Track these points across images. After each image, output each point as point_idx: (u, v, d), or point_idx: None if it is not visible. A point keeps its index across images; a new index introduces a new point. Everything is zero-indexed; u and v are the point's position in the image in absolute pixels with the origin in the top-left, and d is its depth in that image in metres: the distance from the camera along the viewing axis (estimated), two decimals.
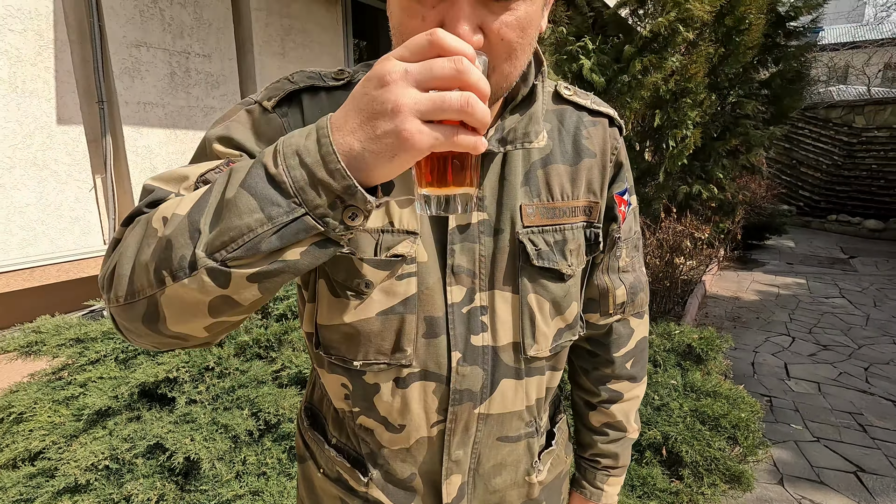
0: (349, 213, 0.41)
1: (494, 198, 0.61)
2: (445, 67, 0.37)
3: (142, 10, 2.96)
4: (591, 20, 4.28)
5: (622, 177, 0.70)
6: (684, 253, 3.12)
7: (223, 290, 0.42)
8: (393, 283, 0.58)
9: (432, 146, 0.38)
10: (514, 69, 0.52)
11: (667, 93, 3.69)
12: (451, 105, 0.37)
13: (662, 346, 2.83)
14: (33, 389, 2.12)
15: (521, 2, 0.48)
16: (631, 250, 0.74)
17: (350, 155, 0.39)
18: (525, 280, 0.61)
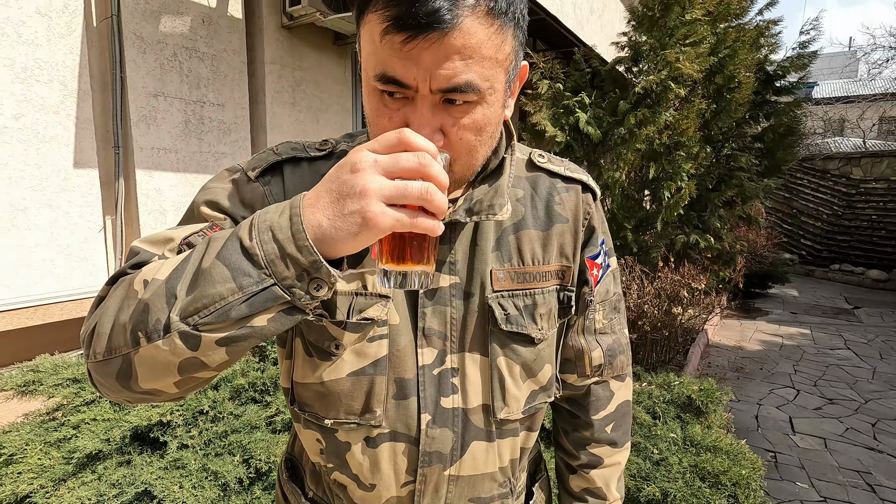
0: (314, 284, 0.44)
1: (466, 262, 0.63)
2: (410, 160, 0.42)
3: (162, 63, 3.14)
4: (589, 76, 4.48)
5: (594, 241, 0.71)
6: (682, 302, 3.12)
7: (193, 353, 0.45)
8: (364, 345, 0.60)
9: (393, 227, 0.42)
10: (476, 160, 0.57)
11: (661, 146, 3.81)
12: (413, 192, 0.42)
13: (662, 397, 2.79)
14: (26, 430, 2.11)
15: (479, 106, 0.51)
16: (609, 312, 0.75)
17: (319, 230, 0.43)
18: (494, 344, 0.63)
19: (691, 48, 3.62)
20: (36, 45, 2.61)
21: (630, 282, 3.37)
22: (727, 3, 4.15)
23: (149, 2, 3.04)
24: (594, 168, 4.22)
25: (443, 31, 0.46)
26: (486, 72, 0.50)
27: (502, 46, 0.51)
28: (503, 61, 0.52)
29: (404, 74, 0.48)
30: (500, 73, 0.52)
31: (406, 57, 0.48)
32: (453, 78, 0.48)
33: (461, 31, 0.47)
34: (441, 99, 0.50)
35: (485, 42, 0.49)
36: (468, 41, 0.48)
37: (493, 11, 0.48)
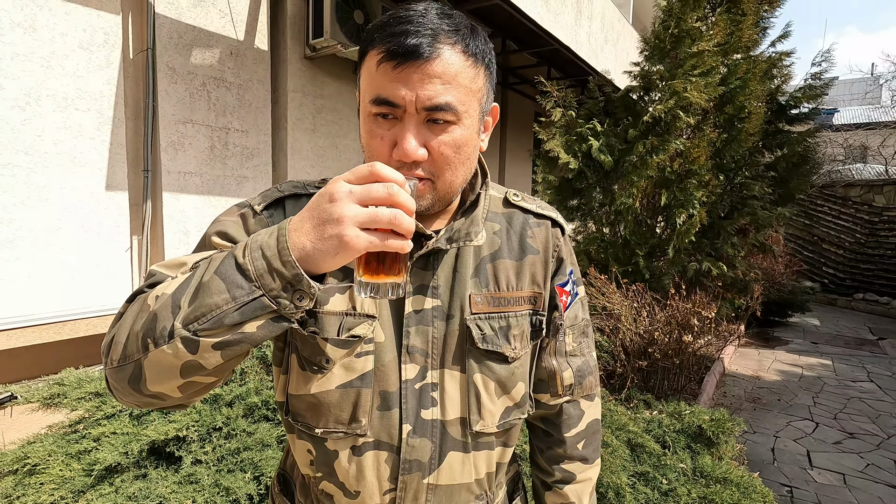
0: (297, 295, 0.51)
1: (448, 287, 0.71)
2: (380, 190, 0.49)
3: (192, 92, 3.33)
4: (603, 103, 4.56)
5: (563, 271, 0.80)
6: (692, 331, 3.11)
7: (192, 356, 0.51)
8: (352, 360, 0.66)
9: (366, 248, 0.49)
10: (455, 178, 0.65)
11: (672, 173, 3.84)
12: (382, 218, 0.49)
13: (672, 426, 2.77)
14: (49, 441, 2.19)
15: (457, 126, 0.62)
16: (578, 336, 0.82)
17: (303, 251, 0.50)
18: (471, 361, 0.70)
19: (700, 78, 3.68)
20: (77, 76, 2.80)
21: (641, 308, 3.37)
22: (738, 36, 4.22)
23: (181, 35, 3.24)
24: (607, 194, 4.26)
25: (426, 59, 0.58)
26: (462, 97, 0.61)
27: (475, 79, 0.63)
28: (476, 92, 0.63)
29: (395, 95, 0.59)
30: (473, 102, 0.63)
31: (397, 80, 0.59)
32: (435, 98, 0.59)
33: (441, 60, 0.59)
34: (425, 119, 0.60)
35: (461, 72, 0.60)
36: (447, 69, 0.59)
37: (468, 51, 0.61)
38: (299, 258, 0.50)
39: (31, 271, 2.71)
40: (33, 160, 2.67)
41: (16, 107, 2.59)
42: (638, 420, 2.76)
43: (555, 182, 4.43)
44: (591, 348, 0.86)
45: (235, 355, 0.54)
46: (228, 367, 0.56)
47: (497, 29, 5.44)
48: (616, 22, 7.56)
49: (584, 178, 4.30)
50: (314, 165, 4.18)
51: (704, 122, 4.12)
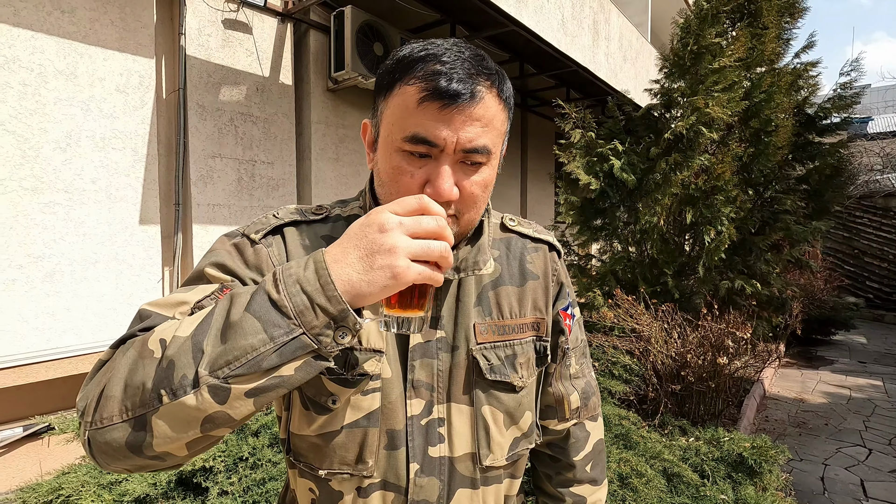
0: (340, 332, 0.48)
1: (451, 318, 0.70)
2: (431, 223, 0.50)
3: (220, 128, 3.46)
4: (623, 122, 4.53)
5: (563, 294, 0.80)
6: (727, 352, 2.98)
7: (220, 407, 0.46)
8: (358, 399, 0.65)
9: (415, 280, 0.48)
10: (476, 216, 0.66)
11: (697, 190, 3.76)
12: (434, 251, 0.49)
13: (710, 454, 2.63)
14: (83, 472, 2.23)
15: (486, 167, 0.63)
16: (580, 357, 0.83)
17: (349, 283, 0.47)
18: (479, 392, 0.68)
19: (722, 94, 3.62)
20: (114, 117, 2.96)
21: (672, 330, 3.26)
22: (760, 50, 4.15)
23: (210, 75, 3.39)
24: (631, 213, 4.19)
25: (470, 102, 0.58)
26: (494, 139, 0.62)
27: (504, 123, 0.64)
28: (503, 134, 0.65)
29: (436, 136, 0.58)
30: (500, 144, 0.64)
31: (440, 120, 0.58)
32: (475, 140, 0.59)
33: (483, 104, 0.59)
34: (460, 159, 0.60)
35: (496, 116, 0.61)
36: (486, 112, 0.60)
37: (501, 94, 0.62)
38: (343, 291, 0.48)
39: (69, 303, 2.82)
40: (72, 198, 2.81)
41: (57, 148, 2.74)
42: (673, 448, 2.64)
43: (577, 203, 4.39)
44: (590, 367, 0.86)
45: (267, 402, 0.49)
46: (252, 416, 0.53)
47: (515, 54, 5.51)
48: (634, 41, 7.56)
49: (606, 198, 4.24)
50: (338, 193, 4.26)
51: (729, 136, 4.04)
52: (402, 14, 4.53)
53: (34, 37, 2.64)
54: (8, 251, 2.60)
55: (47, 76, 2.69)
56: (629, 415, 2.74)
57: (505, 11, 4.15)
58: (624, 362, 3.11)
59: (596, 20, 6.25)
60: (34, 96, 2.65)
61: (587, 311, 4.07)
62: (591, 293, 3.96)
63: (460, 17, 4.56)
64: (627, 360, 3.14)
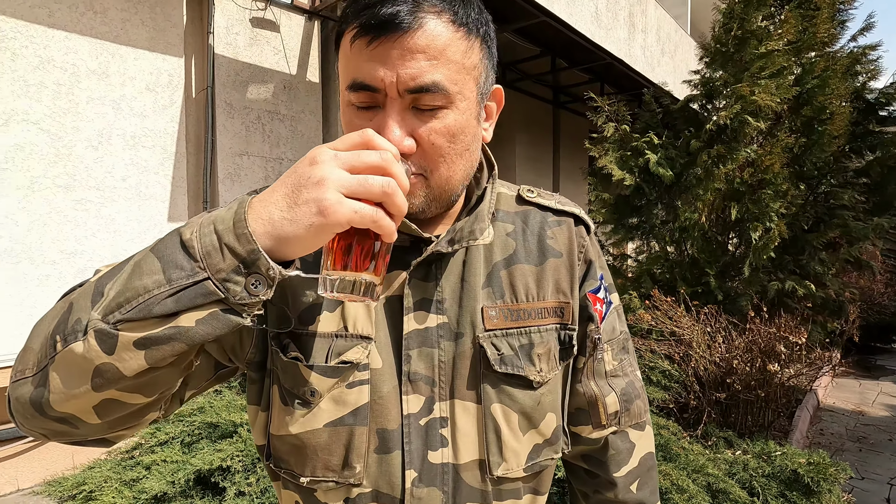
0: (253, 280, 0.41)
1: (455, 300, 0.59)
2: (372, 155, 0.41)
3: (247, 125, 3.47)
4: (660, 115, 4.31)
5: (593, 274, 0.67)
6: (779, 359, 2.75)
7: (107, 357, 0.40)
8: (342, 392, 0.55)
9: (350, 219, 0.40)
10: (453, 172, 0.55)
11: (743, 184, 3.52)
12: (375, 183, 0.41)
13: (761, 470, 2.41)
14: (107, 468, 2.24)
15: (448, 111, 0.52)
16: (618, 352, 0.70)
17: (269, 223, 0.41)
18: (487, 387, 0.58)
19: (769, 80, 3.37)
20: (143, 115, 2.99)
21: (715, 334, 3.04)
22: (812, 33, 3.86)
23: (238, 73, 3.40)
24: (669, 210, 3.97)
25: (406, 30, 0.48)
26: (453, 75, 0.51)
27: (468, 54, 0.52)
28: (471, 69, 0.53)
29: (372, 77, 0.49)
30: (468, 81, 0.53)
31: (373, 58, 0.49)
32: (419, 77, 0.49)
33: (425, 32, 0.49)
34: (410, 104, 0.51)
35: (450, 45, 0.50)
36: (433, 42, 0.49)
37: (458, 19, 0.51)
38: (262, 232, 0.41)
39: None
40: (103, 195, 2.85)
41: (90, 146, 2.79)
42: (719, 461, 2.43)
43: (610, 200, 4.20)
44: (634, 367, 0.73)
45: (164, 361, 0.42)
46: (161, 382, 0.45)
47: (545, 47, 5.36)
48: (673, 33, 7.27)
49: (642, 195, 4.04)
50: None
51: (778, 126, 3.77)
52: None
53: (68, 37, 2.69)
54: (42, 247, 2.65)
55: (80, 76, 2.74)
56: (669, 424, 2.55)
57: (535, 2, 4.02)
58: (663, 368, 2.92)
59: (632, 12, 6.02)
60: (67, 95, 2.70)
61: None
62: (626, 295, 3.76)
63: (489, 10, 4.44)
64: (666, 365, 2.94)
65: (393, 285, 0.59)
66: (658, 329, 3.17)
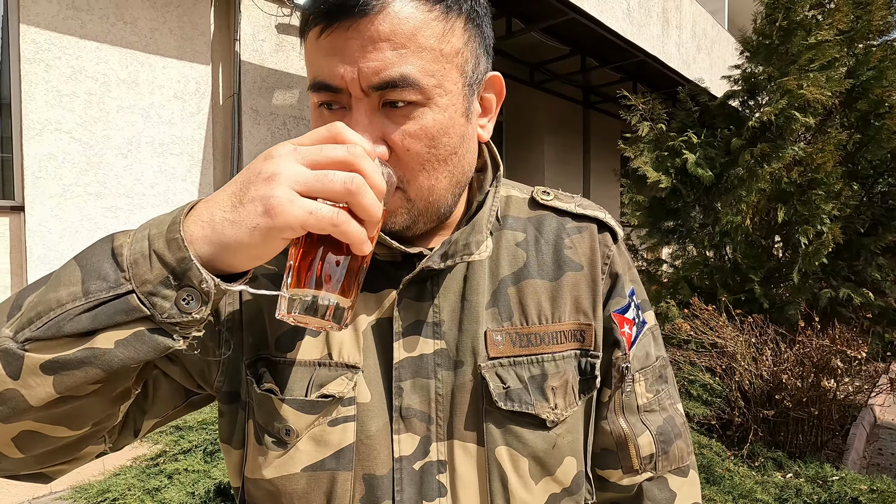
0: (184, 295, 0.34)
1: (454, 322, 0.50)
2: (337, 149, 0.35)
3: (273, 131, 3.47)
4: (697, 114, 4.11)
5: (620, 290, 0.57)
6: (835, 374, 2.53)
7: (12, 382, 0.35)
8: (324, 430, 0.47)
9: (303, 221, 0.33)
10: (436, 181, 0.47)
11: (790, 185, 3.29)
12: (336, 179, 0.34)
13: (816, 496, 2.21)
14: (131, 475, 2.24)
15: (425, 108, 0.44)
16: (654, 383, 0.58)
17: (208, 224, 0.35)
18: (491, 427, 0.48)
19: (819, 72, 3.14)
20: (171, 123, 3.02)
21: (762, 345, 2.83)
22: (866, 21, 3.60)
23: (264, 79, 3.41)
24: (709, 213, 3.76)
25: (365, 14, 0.41)
26: (428, 65, 0.43)
27: (447, 38, 0.44)
28: (452, 56, 0.45)
29: (331, 74, 0.42)
30: (450, 71, 0.45)
31: (331, 52, 0.42)
32: (383, 70, 0.41)
33: (389, 15, 0.41)
34: (380, 102, 0.43)
35: (422, 29, 0.42)
36: (399, 27, 0.41)
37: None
38: (200, 236, 0.35)
39: None
40: (133, 202, 2.89)
41: (119, 154, 2.83)
42: (768, 485, 2.25)
43: (645, 202, 4.01)
44: (675, 399, 0.61)
45: (80, 390, 0.36)
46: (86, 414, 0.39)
47: (574, 46, 5.21)
48: (709, 29, 6.99)
49: (679, 197, 3.84)
50: None
51: (828, 122, 3.52)
52: None
53: (99, 47, 2.74)
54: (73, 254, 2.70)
55: (111, 85, 2.79)
56: (711, 443, 2.38)
57: None
58: (703, 381, 2.73)
59: (666, 7, 5.81)
60: (98, 105, 2.75)
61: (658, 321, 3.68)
62: (662, 302, 3.58)
63: (515, 9, 4.35)
64: (707, 378, 2.75)
65: (383, 306, 0.50)
66: (697, 339, 2.98)
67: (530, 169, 6.44)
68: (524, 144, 6.46)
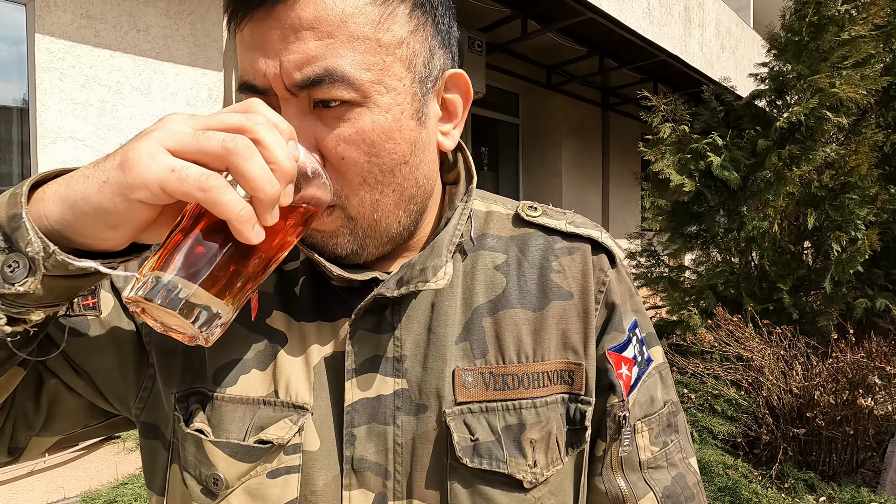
0: (12, 260, 0.29)
1: (419, 358, 0.43)
2: (236, 116, 0.30)
3: None
4: (722, 114, 3.96)
5: (617, 324, 0.48)
6: (872, 392, 2.37)
7: None
8: (262, 483, 0.40)
9: (162, 181, 0.27)
10: (381, 197, 0.40)
11: (821, 188, 3.12)
12: (213, 138, 0.28)
13: None
14: (138, 485, 2.23)
15: (362, 109, 0.37)
16: (660, 433, 0.49)
17: (64, 183, 0.30)
18: (457, 487, 0.41)
19: (853, 70, 2.98)
20: None
21: (791, 359, 2.67)
22: None
23: None
24: (734, 218, 3.61)
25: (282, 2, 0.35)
26: (362, 57, 0.37)
27: (386, 25, 0.38)
28: (394, 47, 0.38)
29: (252, 71, 0.37)
30: (392, 65, 0.38)
31: (252, 46, 0.37)
32: (306, 64, 0.36)
33: (311, 1, 0.35)
34: (310, 103, 0.38)
35: (354, 15, 0.36)
36: (325, 12, 0.36)
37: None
38: (50, 193, 0.30)
39: None
40: None
41: None
42: None
43: (667, 207, 3.87)
44: (688, 451, 0.51)
45: None
46: None
47: (592, 46, 5.10)
48: (733, 27, 6.78)
49: (703, 201, 3.70)
50: None
51: (863, 122, 3.34)
52: (470, 14, 4.32)
53: (112, 56, 2.76)
54: None
55: (124, 93, 2.80)
56: (737, 463, 2.25)
57: None
58: (728, 396, 2.60)
59: (688, 6, 5.65)
60: (112, 112, 2.77)
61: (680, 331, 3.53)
62: (684, 311, 3.43)
63: (531, 11, 4.26)
64: (733, 393, 2.62)
65: (338, 337, 0.43)
66: (722, 351, 2.84)
67: (547, 172, 6.33)
68: (541, 147, 6.35)
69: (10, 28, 2.61)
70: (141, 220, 0.30)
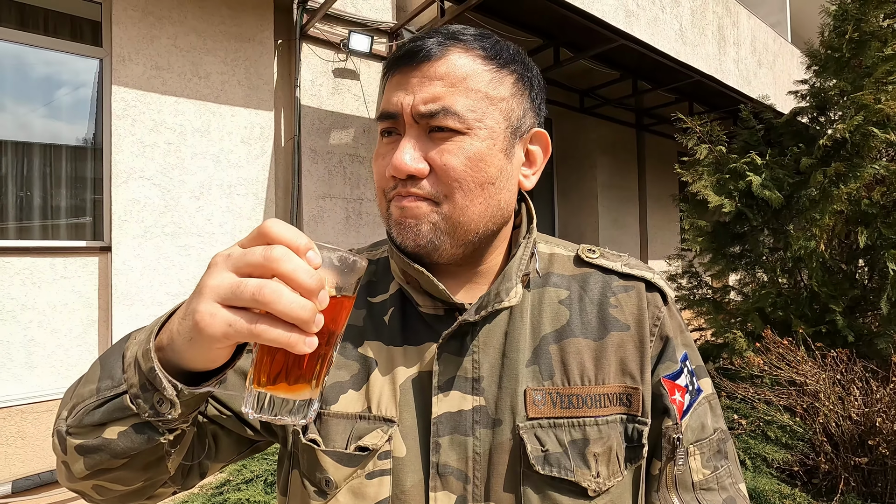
0: (159, 398, 0.39)
1: (494, 379, 0.50)
2: (256, 254, 0.35)
3: (330, 169, 3.64)
4: (762, 132, 3.90)
5: (671, 355, 0.55)
6: None
7: (64, 455, 0.43)
8: (362, 483, 0.48)
9: (226, 333, 0.34)
10: (470, 203, 0.50)
11: (872, 206, 3.02)
12: (245, 290, 0.34)
13: None
14: (198, 502, 2.33)
15: (466, 137, 0.49)
16: (711, 458, 0.54)
17: (168, 335, 0.39)
18: (530, 492, 0.47)
19: None
20: (238, 166, 3.25)
21: (849, 383, 2.57)
22: None
23: (322, 121, 3.61)
24: (779, 237, 3.52)
25: (429, 59, 0.49)
26: (472, 103, 0.49)
27: (496, 86, 0.51)
28: (498, 101, 0.51)
29: (395, 103, 0.50)
30: (493, 113, 0.51)
31: (396, 86, 0.51)
32: (434, 101, 0.48)
33: (447, 62, 0.50)
34: (427, 129, 0.50)
35: (473, 75, 0.50)
36: (453, 70, 0.49)
37: (488, 54, 0.51)
38: (166, 344, 0.39)
39: None
40: (203, 240, 3.11)
41: (192, 197, 3.07)
42: None
43: (707, 227, 3.82)
44: (738, 477, 0.56)
45: (100, 466, 0.42)
46: (124, 479, 0.44)
47: (625, 70, 5.14)
48: (770, 42, 6.68)
49: (745, 221, 3.63)
50: None
51: None
52: None
53: (177, 101, 3.02)
54: (152, 289, 2.92)
55: (186, 134, 3.05)
56: (795, 493, 2.17)
57: (614, 27, 3.88)
58: (782, 422, 2.51)
59: (721, 25, 5.63)
60: (175, 153, 3.01)
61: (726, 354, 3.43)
62: (729, 333, 3.35)
63: (564, 40, 4.37)
64: (786, 419, 2.53)
65: (424, 359, 0.52)
66: (772, 375, 2.75)
67: (583, 194, 6.33)
68: (577, 171, 6.37)
69: (84, 77, 2.91)
70: (225, 351, 0.38)
